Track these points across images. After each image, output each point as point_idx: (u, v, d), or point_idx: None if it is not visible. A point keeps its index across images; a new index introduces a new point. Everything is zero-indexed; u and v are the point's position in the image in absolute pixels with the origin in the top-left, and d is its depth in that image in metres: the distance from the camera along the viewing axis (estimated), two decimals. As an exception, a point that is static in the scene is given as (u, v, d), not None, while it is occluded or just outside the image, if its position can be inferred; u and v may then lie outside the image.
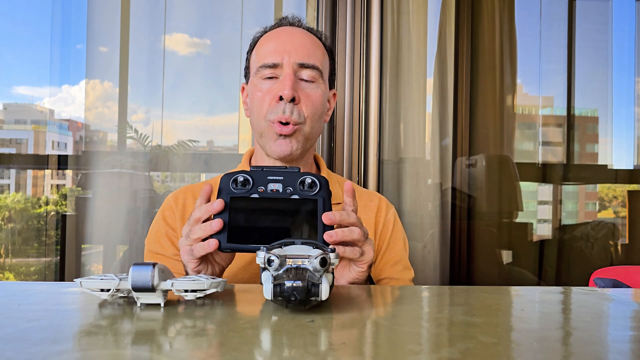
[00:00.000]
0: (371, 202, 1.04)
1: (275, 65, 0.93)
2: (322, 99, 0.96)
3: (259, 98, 0.94)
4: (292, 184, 0.69)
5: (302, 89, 0.93)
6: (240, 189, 0.68)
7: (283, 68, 0.92)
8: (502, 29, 1.78)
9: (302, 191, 0.68)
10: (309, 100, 0.93)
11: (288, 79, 0.91)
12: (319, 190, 0.68)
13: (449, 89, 1.68)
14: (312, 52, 0.95)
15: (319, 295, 0.51)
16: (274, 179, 0.69)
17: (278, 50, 0.93)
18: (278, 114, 0.91)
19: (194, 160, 1.66)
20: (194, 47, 1.67)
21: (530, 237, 1.91)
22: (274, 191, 0.68)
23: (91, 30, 1.61)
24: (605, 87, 1.92)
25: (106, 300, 0.57)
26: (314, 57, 0.95)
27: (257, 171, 0.70)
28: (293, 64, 0.92)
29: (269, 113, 0.92)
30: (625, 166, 1.98)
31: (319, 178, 0.69)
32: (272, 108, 0.92)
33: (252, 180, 0.69)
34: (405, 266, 1.02)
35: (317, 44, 0.98)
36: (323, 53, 0.98)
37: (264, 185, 0.69)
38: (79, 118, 1.72)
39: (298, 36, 0.96)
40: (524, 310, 0.59)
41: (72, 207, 1.69)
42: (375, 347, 0.44)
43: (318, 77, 0.95)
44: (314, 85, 0.95)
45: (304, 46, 0.94)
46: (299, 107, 0.92)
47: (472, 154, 1.78)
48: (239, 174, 0.69)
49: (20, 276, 1.72)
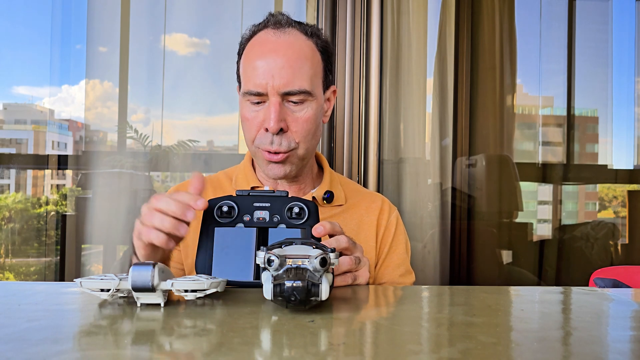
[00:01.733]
0: (374, 203, 1.03)
1: (259, 94, 0.88)
2: (313, 117, 0.90)
3: (247, 122, 0.91)
4: (279, 211, 0.67)
5: (291, 113, 0.88)
6: (225, 218, 0.67)
7: (268, 96, 0.87)
8: (502, 29, 1.78)
9: (289, 219, 0.67)
10: (298, 125, 0.89)
11: (273, 110, 0.86)
12: (307, 218, 0.67)
13: (449, 89, 1.68)
14: (298, 71, 0.87)
15: (319, 295, 0.51)
16: (260, 205, 0.67)
17: (262, 75, 0.86)
18: (266, 144, 0.88)
19: (194, 160, 1.66)
20: (193, 47, 1.67)
21: (530, 237, 1.91)
22: (260, 220, 0.67)
23: (91, 30, 1.61)
24: (605, 87, 1.92)
25: (106, 300, 0.57)
26: (300, 78, 0.87)
27: (244, 197, 0.67)
28: (278, 91, 0.86)
29: (257, 140, 0.89)
30: (625, 166, 1.98)
31: (307, 204, 0.67)
32: (260, 136, 0.89)
33: (238, 207, 0.67)
34: (407, 270, 1.01)
35: (305, 55, 0.89)
36: (313, 62, 0.90)
37: (249, 213, 0.67)
38: (79, 118, 1.72)
39: (283, 51, 0.87)
40: (524, 310, 0.59)
41: (72, 207, 1.69)
42: (375, 347, 0.44)
43: (307, 97, 0.89)
44: (303, 106, 0.89)
45: (289, 66, 0.87)
46: (288, 135, 0.88)
47: (472, 154, 1.78)
48: (224, 202, 0.67)
49: (20, 276, 1.72)
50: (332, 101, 1.00)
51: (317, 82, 0.91)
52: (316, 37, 0.93)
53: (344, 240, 0.68)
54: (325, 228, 0.66)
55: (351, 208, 1.00)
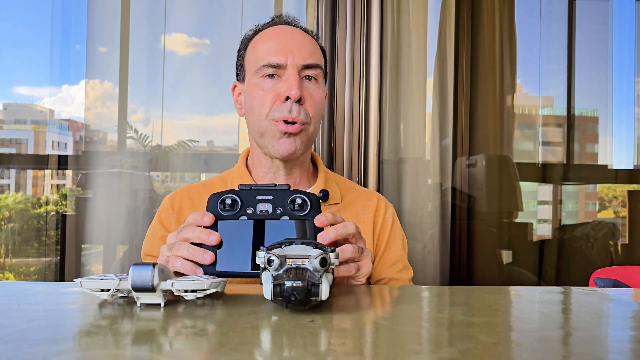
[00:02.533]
0: (369, 201, 1.03)
1: (279, 65, 0.91)
2: (323, 98, 0.97)
3: (261, 97, 0.92)
4: (282, 204, 0.67)
5: (306, 88, 0.93)
6: (228, 211, 0.67)
7: (287, 69, 0.91)
8: (502, 29, 1.78)
9: (292, 211, 0.67)
10: (312, 100, 0.93)
11: (294, 78, 0.90)
12: (309, 210, 0.67)
13: (449, 89, 1.68)
14: (314, 52, 0.95)
15: (319, 295, 0.51)
16: (263, 198, 0.67)
17: (281, 50, 0.92)
18: (284, 113, 0.90)
19: (194, 160, 1.66)
20: (193, 47, 1.67)
21: (530, 237, 1.91)
22: (263, 212, 0.67)
23: (91, 30, 1.61)
24: (605, 87, 1.92)
25: (106, 300, 0.57)
26: (316, 56, 0.95)
27: (246, 190, 0.68)
28: (297, 65, 0.92)
29: (272, 112, 0.91)
30: (625, 166, 1.98)
31: (309, 197, 0.67)
32: (277, 107, 0.91)
33: (241, 201, 0.67)
34: (404, 266, 1.01)
35: (316, 44, 0.98)
36: (320, 53, 0.99)
37: (252, 205, 0.67)
38: (79, 118, 1.72)
39: (299, 36, 0.95)
40: (524, 310, 0.59)
41: (72, 207, 1.69)
42: (375, 347, 0.44)
43: (320, 77, 0.96)
44: (316, 85, 0.95)
45: (306, 46, 0.94)
46: (305, 107, 0.92)
47: (472, 154, 1.78)
48: (227, 196, 0.67)
49: (20, 276, 1.72)
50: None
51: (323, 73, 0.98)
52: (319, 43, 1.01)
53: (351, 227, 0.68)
54: (327, 218, 0.66)
55: (347, 206, 1.01)
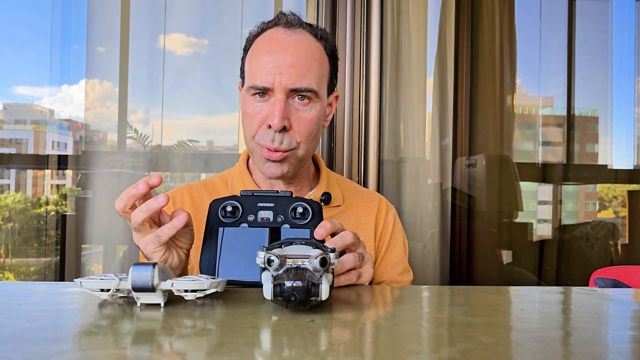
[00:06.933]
0: (371, 202, 1.03)
1: (265, 89, 0.86)
2: (317, 118, 0.90)
3: (249, 117, 0.89)
4: (283, 212, 0.67)
5: (295, 111, 0.87)
6: (229, 218, 0.67)
7: (274, 92, 0.86)
8: (502, 29, 1.78)
9: (293, 219, 0.66)
10: (301, 124, 0.87)
11: (278, 106, 0.85)
12: (311, 218, 0.67)
13: (449, 89, 1.68)
14: (307, 70, 0.87)
15: (319, 295, 0.51)
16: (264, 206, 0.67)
17: (269, 71, 0.85)
18: (266, 141, 0.86)
19: (194, 160, 1.66)
20: (193, 47, 1.67)
21: (530, 237, 1.91)
22: (264, 219, 0.67)
23: (91, 31, 1.61)
24: (605, 87, 1.92)
25: (106, 300, 0.57)
26: (309, 76, 0.87)
27: (247, 197, 0.67)
28: (285, 88, 0.85)
29: (257, 136, 0.88)
30: (625, 166, 1.98)
31: (311, 205, 0.67)
32: (262, 132, 0.87)
33: (242, 207, 0.67)
34: (405, 268, 1.01)
35: (314, 55, 0.89)
36: (321, 64, 0.90)
37: (254, 213, 0.67)
38: (79, 118, 1.72)
39: (292, 50, 0.87)
40: (524, 310, 0.59)
41: (72, 207, 1.69)
42: (375, 347, 0.44)
43: (313, 97, 0.88)
44: (307, 106, 0.88)
45: (298, 64, 0.86)
46: (290, 134, 0.87)
47: (472, 154, 1.78)
48: (228, 202, 0.67)
49: (20, 276, 1.72)
50: (333, 106, 1.00)
51: (322, 84, 0.91)
52: (325, 41, 0.93)
53: (349, 237, 0.68)
54: (326, 229, 0.65)
55: (349, 208, 1.00)
